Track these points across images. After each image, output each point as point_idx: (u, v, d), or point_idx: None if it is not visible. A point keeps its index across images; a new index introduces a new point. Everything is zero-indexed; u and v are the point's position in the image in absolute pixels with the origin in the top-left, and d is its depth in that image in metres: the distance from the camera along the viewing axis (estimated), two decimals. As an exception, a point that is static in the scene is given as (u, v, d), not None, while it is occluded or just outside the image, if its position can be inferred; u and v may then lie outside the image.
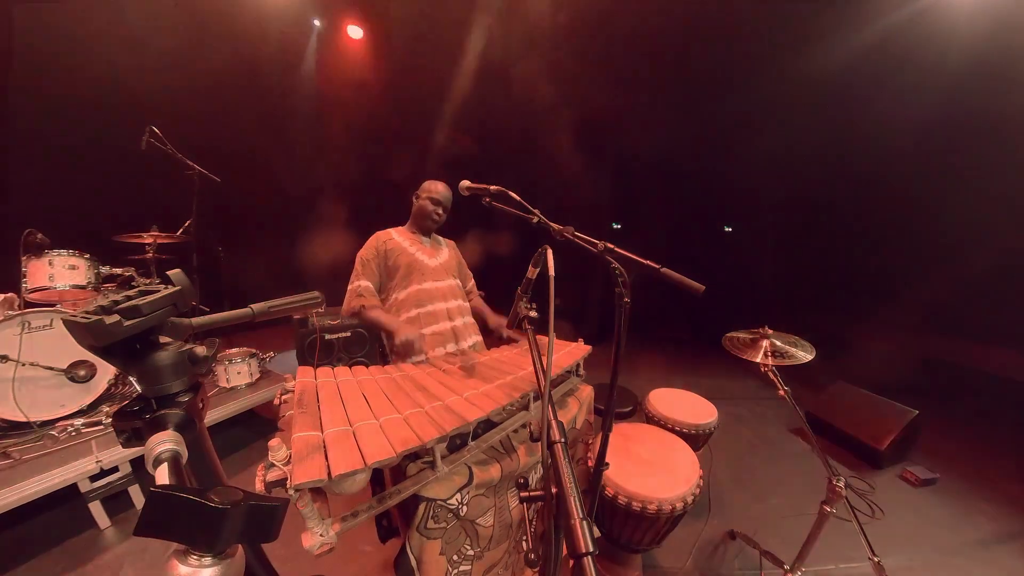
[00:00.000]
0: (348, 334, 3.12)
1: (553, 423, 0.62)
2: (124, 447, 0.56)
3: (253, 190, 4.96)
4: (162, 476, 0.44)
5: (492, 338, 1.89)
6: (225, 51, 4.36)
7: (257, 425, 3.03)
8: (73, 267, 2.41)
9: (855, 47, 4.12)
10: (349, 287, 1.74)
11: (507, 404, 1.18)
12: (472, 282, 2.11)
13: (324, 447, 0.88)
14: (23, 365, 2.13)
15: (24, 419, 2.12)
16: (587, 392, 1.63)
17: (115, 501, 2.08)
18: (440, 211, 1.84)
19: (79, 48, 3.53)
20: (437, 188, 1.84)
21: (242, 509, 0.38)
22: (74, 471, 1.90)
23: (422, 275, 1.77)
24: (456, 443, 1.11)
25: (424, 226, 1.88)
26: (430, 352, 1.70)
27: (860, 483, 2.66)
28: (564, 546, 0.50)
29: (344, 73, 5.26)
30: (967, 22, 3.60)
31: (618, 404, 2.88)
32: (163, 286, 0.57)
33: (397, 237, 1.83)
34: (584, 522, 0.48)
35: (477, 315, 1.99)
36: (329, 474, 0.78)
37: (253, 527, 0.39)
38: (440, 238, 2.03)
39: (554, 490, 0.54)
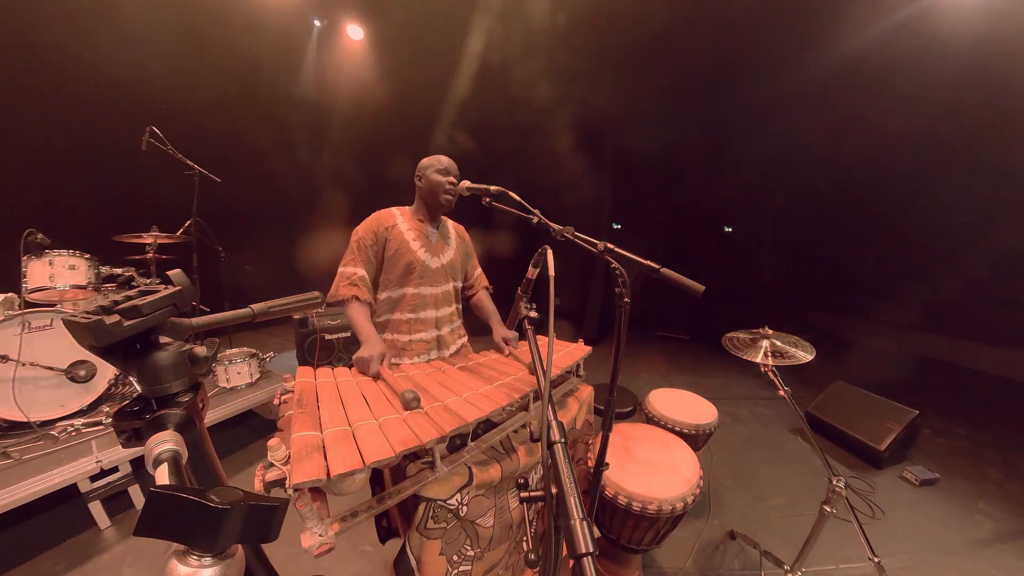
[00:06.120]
0: (348, 334, 3.12)
1: (553, 423, 0.62)
2: (124, 447, 0.56)
3: (253, 190, 4.97)
4: (162, 476, 0.44)
5: (486, 340, 1.81)
6: (225, 51, 4.37)
7: (257, 425, 3.03)
8: (73, 267, 2.41)
9: (855, 47, 4.13)
10: (341, 268, 1.56)
11: (507, 404, 1.18)
12: (479, 271, 1.93)
13: (323, 447, 0.87)
14: (23, 365, 2.13)
15: (24, 419, 2.13)
16: (587, 392, 1.63)
17: (115, 501, 2.08)
18: (454, 179, 1.59)
19: (79, 48, 3.53)
20: (440, 159, 1.61)
21: (242, 509, 0.38)
22: (74, 471, 1.90)
23: (420, 278, 1.64)
24: (456, 443, 1.11)
25: (436, 205, 1.64)
26: (408, 361, 1.64)
27: (860, 483, 2.66)
28: (564, 546, 0.50)
29: (344, 73, 5.27)
30: (967, 23, 3.60)
31: (618, 404, 2.87)
32: (163, 286, 0.57)
33: (401, 224, 1.63)
34: (584, 522, 0.48)
35: (482, 315, 1.86)
36: (328, 474, 0.78)
37: (253, 527, 0.39)
38: (450, 225, 1.82)
39: (554, 490, 0.54)
